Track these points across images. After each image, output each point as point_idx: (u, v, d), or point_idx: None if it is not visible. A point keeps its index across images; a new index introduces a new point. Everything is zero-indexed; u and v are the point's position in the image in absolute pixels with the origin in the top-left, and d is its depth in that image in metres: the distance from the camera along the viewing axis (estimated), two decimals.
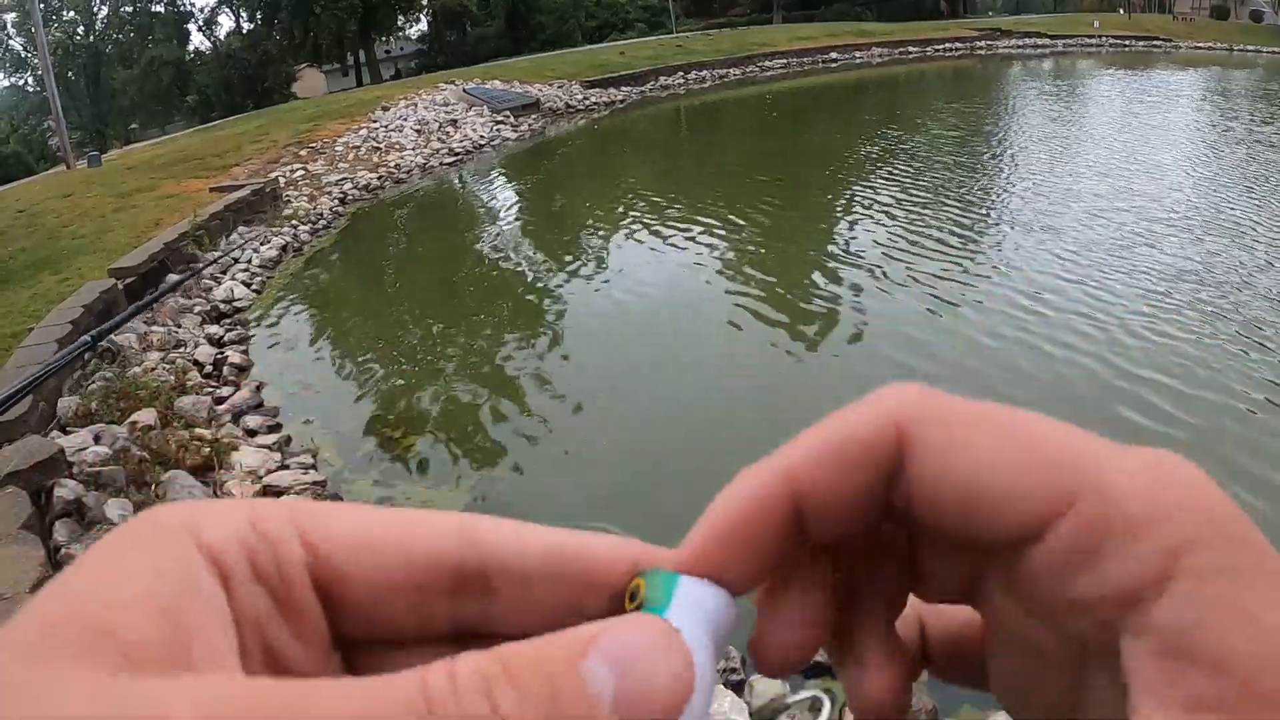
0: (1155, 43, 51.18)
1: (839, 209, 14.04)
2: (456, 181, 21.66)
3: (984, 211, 12.88)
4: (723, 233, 12.84)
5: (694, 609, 0.30)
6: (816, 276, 10.51)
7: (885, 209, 13.25)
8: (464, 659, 0.24)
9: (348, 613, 0.30)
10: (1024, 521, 0.28)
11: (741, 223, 13.39)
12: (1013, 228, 11.69)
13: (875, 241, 11.55)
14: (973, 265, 10.32)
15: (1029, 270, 9.87)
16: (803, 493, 0.32)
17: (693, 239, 12.56)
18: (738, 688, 3.84)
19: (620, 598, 0.31)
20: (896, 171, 16.14)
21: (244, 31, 70.02)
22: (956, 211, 12.80)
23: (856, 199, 14.36)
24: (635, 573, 0.32)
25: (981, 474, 0.28)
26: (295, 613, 0.29)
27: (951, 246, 10.98)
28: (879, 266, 10.44)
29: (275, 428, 7.68)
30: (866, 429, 0.31)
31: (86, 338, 7.06)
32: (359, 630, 0.31)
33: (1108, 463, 0.27)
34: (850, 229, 12.51)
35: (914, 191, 14.33)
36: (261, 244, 14.10)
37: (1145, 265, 9.72)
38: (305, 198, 18.06)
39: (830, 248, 11.72)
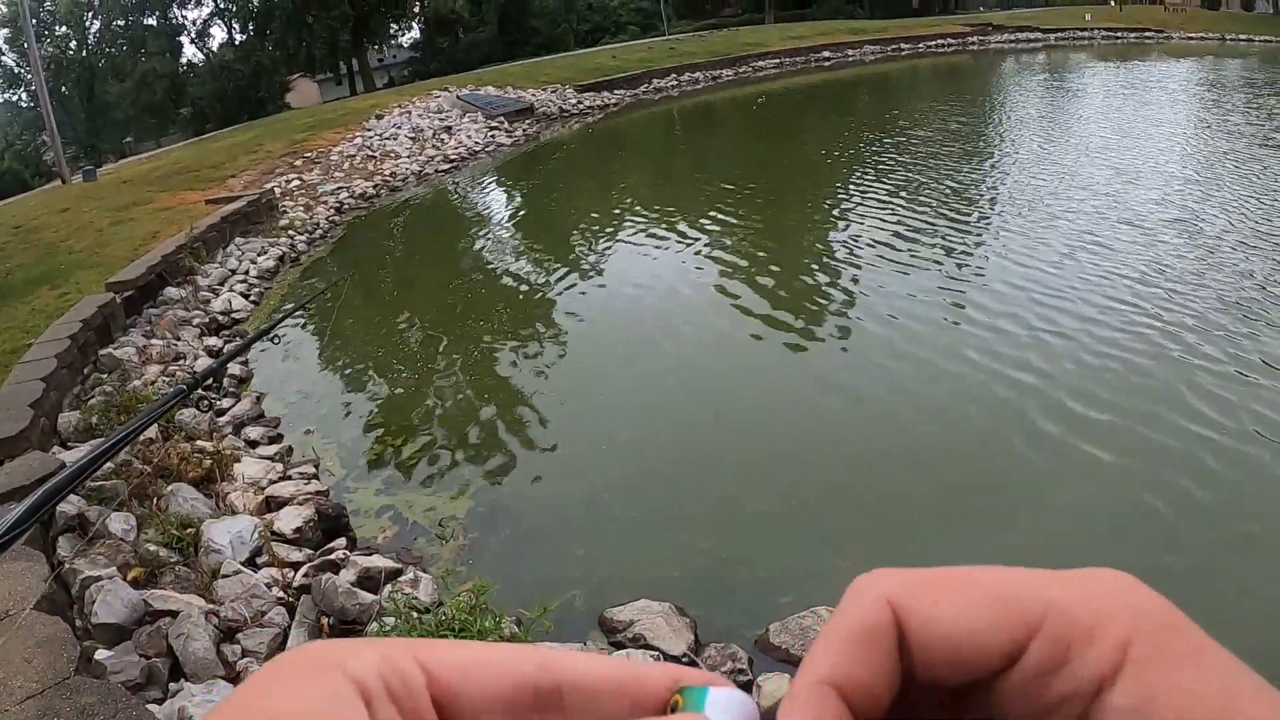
0: (1147, 34, 51.10)
1: (831, 208, 14.04)
2: (452, 188, 21.65)
3: (978, 209, 12.88)
4: (717, 234, 12.86)
5: (723, 706, 0.37)
6: (809, 276, 10.53)
7: (876, 207, 13.26)
8: None
9: None
10: (1004, 651, 0.35)
11: (735, 224, 13.41)
12: (1006, 224, 11.69)
13: (866, 238, 11.57)
14: (965, 264, 10.32)
15: (1022, 265, 9.87)
16: (844, 688, 0.36)
17: (688, 241, 12.59)
18: (745, 688, 3.83)
19: (664, 708, 0.38)
20: (888, 170, 16.15)
21: (237, 43, 69.95)
22: (949, 209, 12.82)
23: (848, 198, 14.37)
24: (675, 689, 0.39)
25: (961, 623, 0.35)
26: None
27: (944, 245, 10.99)
28: (869, 263, 10.46)
29: (276, 438, 7.68)
30: (865, 615, 0.37)
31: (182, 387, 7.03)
32: None
33: (1052, 588, 0.35)
34: (841, 227, 12.52)
35: (906, 191, 14.33)
36: (259, 255, 14.10)
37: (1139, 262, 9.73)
38: (301, 208, 18.08)
39: (821, 247, 11.74)
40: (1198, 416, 6.23)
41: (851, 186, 15.14)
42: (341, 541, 5.65)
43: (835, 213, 13.57)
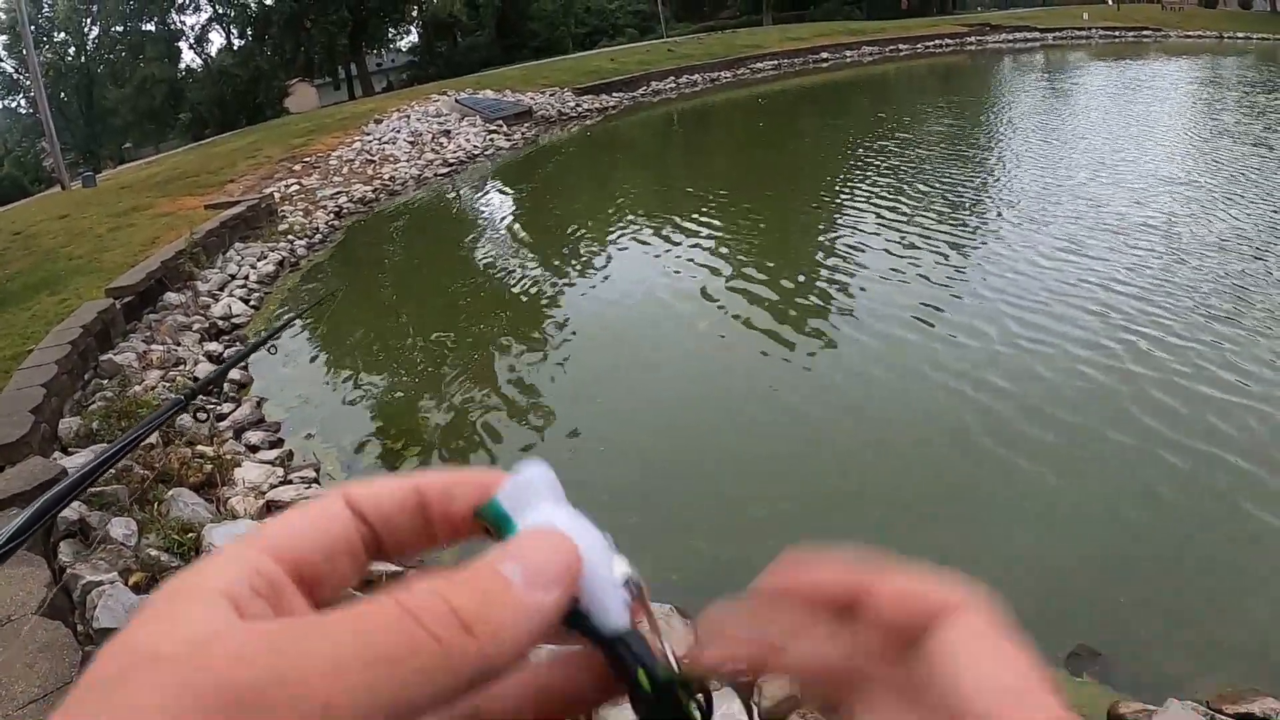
0: (1145, 33, 51.13)
1: (828, 211, 14.04)
2: (451, 192, 21.65)
3: (976, 211, 12.90)
4: (716, 237, 12.87)
5: (531, 496, 0.42)
6: (808, 280, 10.54)
7: (876, 209, 13.28)
8: (416, 582, 0.34)
9: (319, 588, 0.39)
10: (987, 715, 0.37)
11: (734, 227, 13.41)
12: (1004, 226, 11.72)
13: (865, 242, 11.59)
14: (963, 266, 10.32)
15: (1021, 269, 9.89)
16: (869, 600, 0.41)
17: (687, 245, 12.59)
18: (747, 688, 3.83)
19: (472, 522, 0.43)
20: (888, 172, 16.18)
21: (235, 48, 69.93)
22: (948, 211, 12.85)
23: (847, 200, 14.38)
24: (476, 510, 0.43)
25: (981, 667, 0.38)
26: (287, 608, 0.37)
27: (943, 247, 11.00)
28: (869, 267, 10.47)
29: (277, 443, 7.68)
30: (937, 597, 0.40)
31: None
32: (332, 595, 0.40)
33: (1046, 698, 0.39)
34: (839, 231, 12.51)
35: (906, 192, 14.35)
36: (258, 260, 14.11)
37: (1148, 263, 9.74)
38: (300, 212, 18.07)
39: (820, 250, 11.73)
40: (1202, 428, 6.24)
41: (849, 189, 15.13)
42: None
43: (832, 216, 13.56)
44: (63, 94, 64.55)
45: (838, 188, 15.52)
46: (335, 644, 0.31)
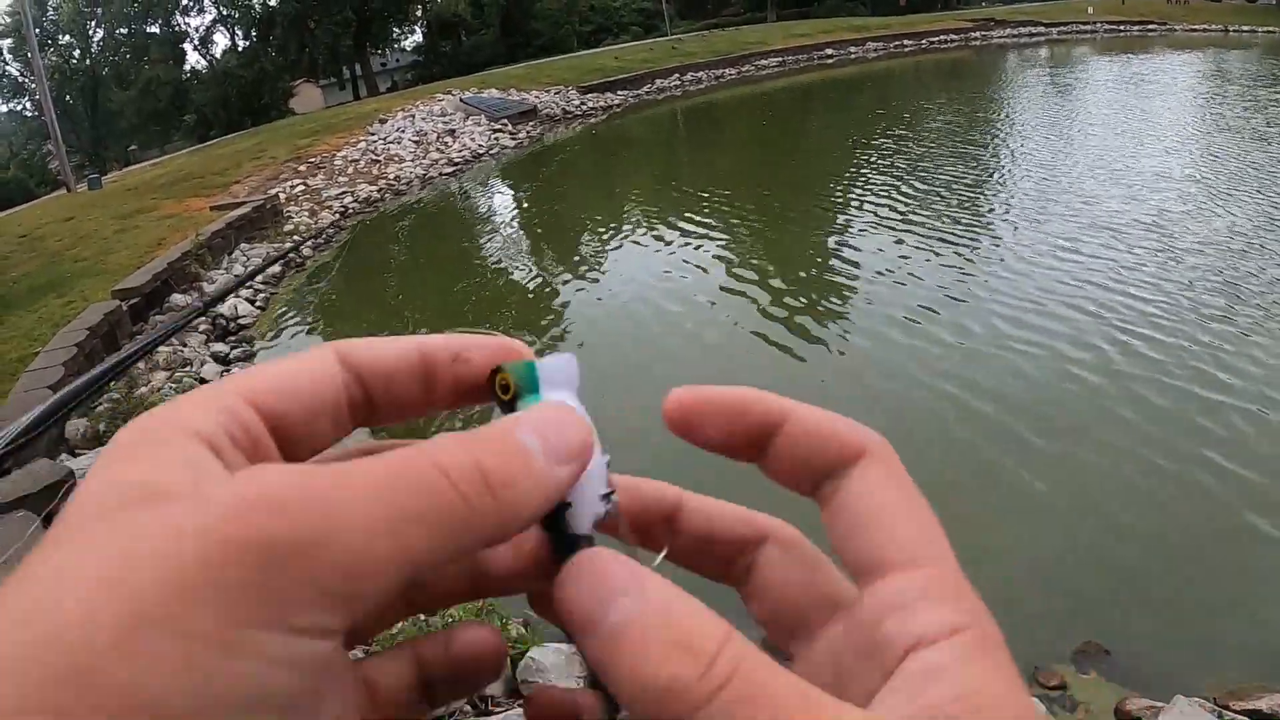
0: (1150, 27, 51.02)
1: (836, 206, 14.03)
2: (456, 192, 21.65)
3: (982, 207, 12.87)
4: (722, 235, 12.85)
5: (558, 379, 0.42)
6: (815, 276, 10.53)
7: (883, 206, 13.24)
8: (441, 437, 0.34)
9: (295, 448, 0.38)
10: (883, 559, 0.38)
11: (740, 224, 13.41)
12: (1011, 224, 11.70)
13: (869, 240, 11.56)
14: (972, 262, 10.30)
15: (1029, 267, 9.87)
16: (790, 428, 0.43)
17: (693, 242, 12.57)
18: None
19: (488, 387, 0.42)
20: (893, 169, 16.15)
21: (239, 49, 70.09)
22: (955, 208, 12.81)
23: (854, 196, 14.35)
24: (497, 365, 0.41)
25: (883, 507, 0.40)
26: (264, 460, 0.36)
27: (950, 244, 10.97)
28: (873, 266, 10.44)
29: None
30: (857, 431, 0.42)
31: (198, 305, 7.04)
32: (303, 459, 0.38)
33: (949, 555, 0.39)
34: (843, 227, 12.50)
35: (912, 189, 14.33)
36: (264, 261, 14.12)
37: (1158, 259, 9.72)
38: (306, 213, 18.08)
39: (825, 247, 11.71)
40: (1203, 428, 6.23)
41: (854, 187, 15.10)
42: None
43: (837, 214, 13.54)
44: (68, 96, 64.73)
45: (842, 186, 15.49)
46: (372, 500, 0.30)
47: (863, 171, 16.21)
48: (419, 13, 72.40)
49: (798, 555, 0.44)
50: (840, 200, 14.34)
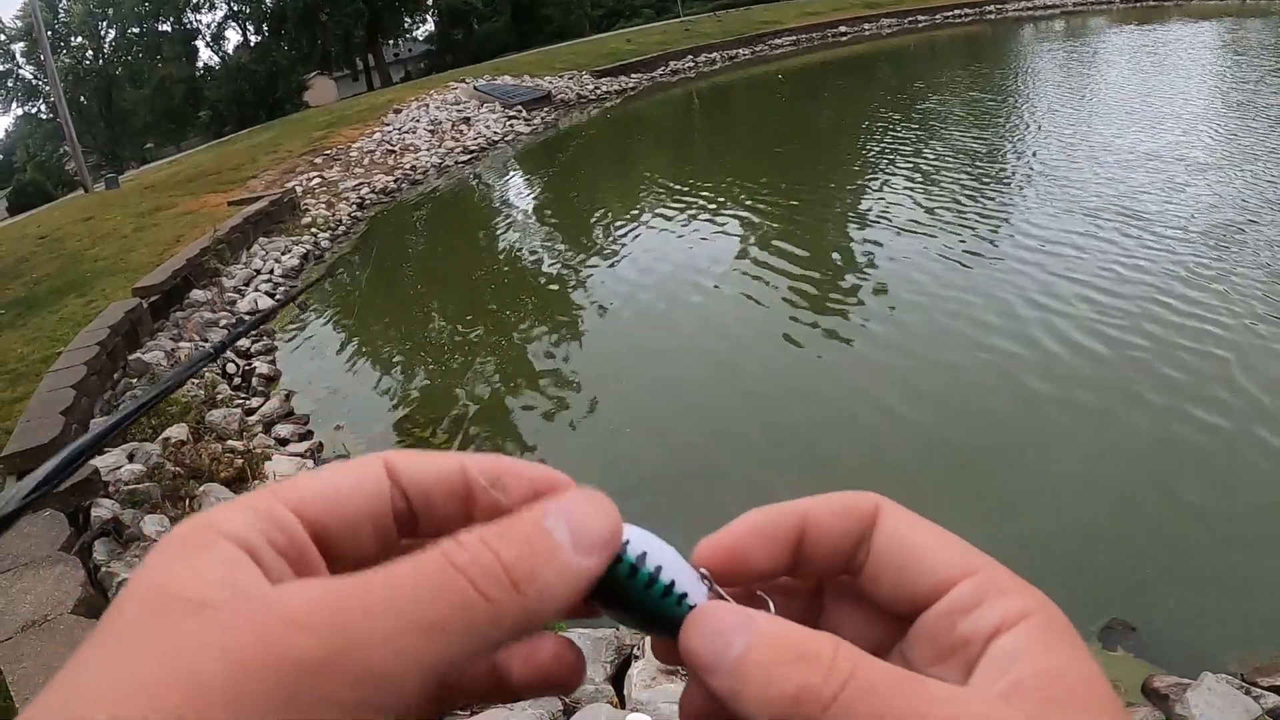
0: None
1: (850, 188, 13.99)
2: (473, 179, 21.67)
3: (1004, 186, 12.79)
4: (740, 217, 12.81)
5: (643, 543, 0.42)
6: (833, 260, 10.51)
7: (902, 185, 13.19)
8: (463, 534, 0.35)
9: (335, 554, 0.39)
10: (941, 578, 0.40)
11: (758, 206, 13.36)
12: (1022, 202, 11.62)
13: (889, 219, 11.49)
14: (995, 244, 10.25)
15: (1051, 240, 9.81)
16: (811, 524, 0.43)
17: (711, 225, 12.55)
18: None
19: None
20: (911, 146, 16.05)
21: (252, 44, 70.26)
22: (976, 184, 12.74)
23: (868, 178, 14.31)
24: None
25: (922, 544, 0.41)
26: (307, 567, 0.37)
27: (972, 222, 10.91)
28: (896, 246, 10.40)
29: (306, 435, 7.72)
30: (856, 497, 0.43)
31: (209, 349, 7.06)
32: (348, 567, 0.38)
33: (991, 560, 0.41)
34: (862, 208, 12.43)
35: (930, 167, 14.25)
36: (282, 254, 14.16)
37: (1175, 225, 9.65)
38: (323, 205, 18.12)
39: (843, 228, 11.65)
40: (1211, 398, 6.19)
41: (871, 166, 15.06)
42: None
43: (855, 193, 13.50)
44: (82, 97, 64.95)
45: (859, 164, 15.45)
46: (392, 611, 0.31)
47: (880, 148, 16.14)
48: (430, 2, 72.36)
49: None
50: (859, 178, 14.30)
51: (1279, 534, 4.62)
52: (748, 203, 13.50)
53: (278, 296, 12.26)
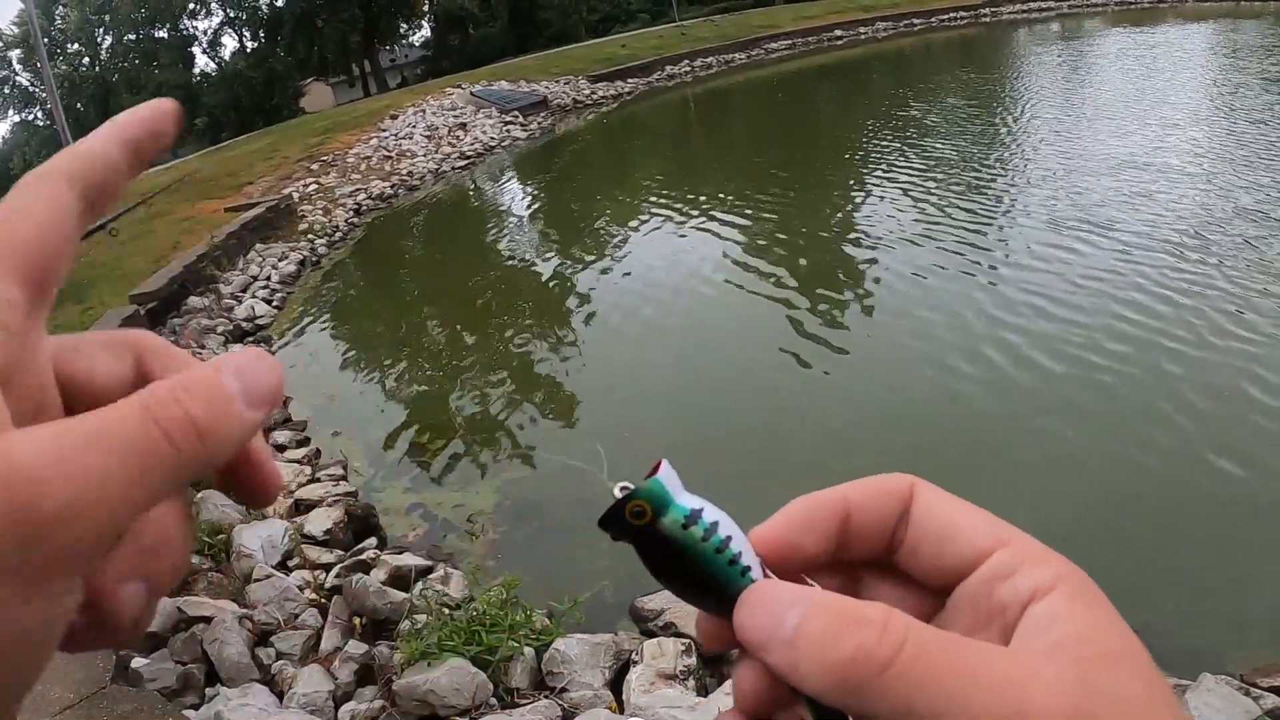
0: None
1: (847, 192, 14.00)
2: (469, 185, 21.69)
3: (1000, 190, 12.80)
4: (736, 221, 12.80)
5: (675, 483, 0.45)
6: (830, 263, 10.52)
7: (897, 188, 13.18)
8: (155, 388, 0.35)
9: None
10: (977, 550, 0.42)
11: (753, 210, 13.34)
12: (1020, 204, 11.64)
13: (885, 222, 11.49)
14: (992, 244, 10.26)
15: (1053, 249, 9.82)
16: (853, 507, 0.45)
17: (707, 230, 12.55)
18: None
19: None
20: (907, 150, 16.06)
21: (248, 51, 70.29)
22: (971, 190, 12.75)
23: (867, 180, 14.32)
24: (627, 493, 0.45)
25: (956, 518, 0.43)
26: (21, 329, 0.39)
27: (968, 225, 10.90)
28: (890, 248, 10.40)
29: (304, 441, 7.71)
30: (892, 479, 0.45)
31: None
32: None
33: (1021, 532, 0.42)
34: (859, 212, 12.47)
35: (926, 171, 14.25)
36: (279, 260, 14.15)
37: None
38: (320, 211, 18.12)
39: (839, 232, 11.69)
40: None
41: (867, 170, 15.07)
42: (372, 541, 5.67)
43: (852, 197, 13.52)
44: (79, 104, 64.95)
45: (855, 166, 15.48)
46: (105, 459, 0.32)
47: (874, 151, 16.16)
48: (426, 7, 72.39)
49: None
50: (853, 180, 14.32)
51: (1277, 536, 4.62)
52: (744, 208, 13.48)
53: (275, 303, 12.26)
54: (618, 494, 0.44)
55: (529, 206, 18.19)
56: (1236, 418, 5.72)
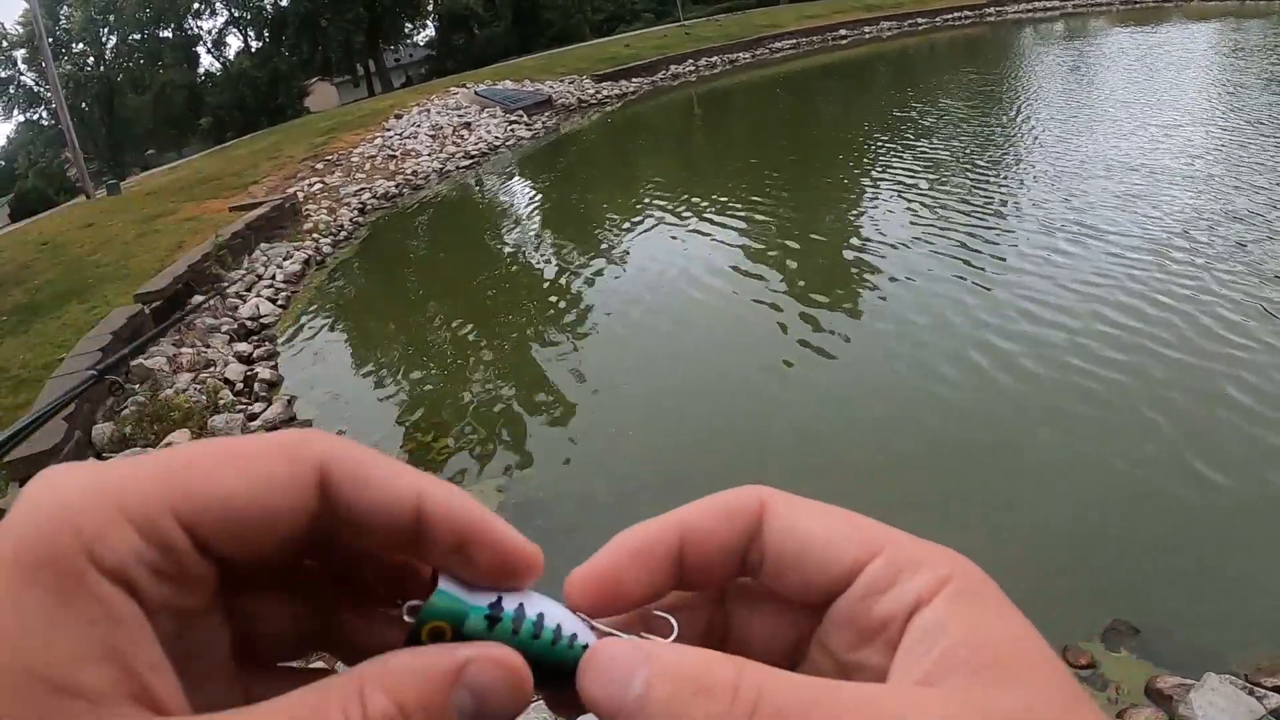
0: None
1: (851, 191, 14.00)
2: (474, 184, 21.69)
3: (1005, 192, 12.79)
4: (741, 221, 12.80)
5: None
6: (834, 263, 10.51)
7: (901, 189, 13.17)
8: (370, 699, 0.31)
9: (222, 556, 0.34)
10: (847, 565, 0.38)
11: (758, 210, 13.34)
12: (1022, 205, 11.63)
13: (889, 222, 11.49)
14: (995, 249, 10.26)
15: (1055, 246, 9.81)
16: (690, 533, 0.40)
17: (712, 228, 12.55)
18: None
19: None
20: (911, 151, 16.05)
21: (253, 50, 70.29)
22: (975, 192, 12.74)
23: (872, 181, 14.29)
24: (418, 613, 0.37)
25: (819, 532, 0.39)
26: (191, 580, 0.33)
27: (972, 229, 10.89)
28: (894, 249, 10.39)
29: None
30: (738, 496, 0.41)
31: (92, 372, 7.05)
32: (231, 565, 0.35)
33: (895, 531, 0.39)
34: (863, 211, 12.45)
35: (930, 173, 14.24)
36: (284, 259, 14.16)
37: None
38: (325, 210, 18.13)
39: (844, 232, 11.69)
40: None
41: (872, 170, 15.04)
42: None
43: (856, 197, 13.51)
44: (84, 104, 64.99)
45: (858, 167, 15.46)
46: None
47: (879, 151, 16.15)
48: (430, 7, 72.40)
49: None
50: (857, 180, 14.31)
51: None
52: (748, 207, 13.47)
53: (279, 302, 12.27)
54: (406, 619, 0.37)
55: (533, 206, 18.18)
56: (1246, 415, 5.72)
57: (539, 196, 19.36)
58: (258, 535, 0.34)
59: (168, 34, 69.51)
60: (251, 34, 70.47)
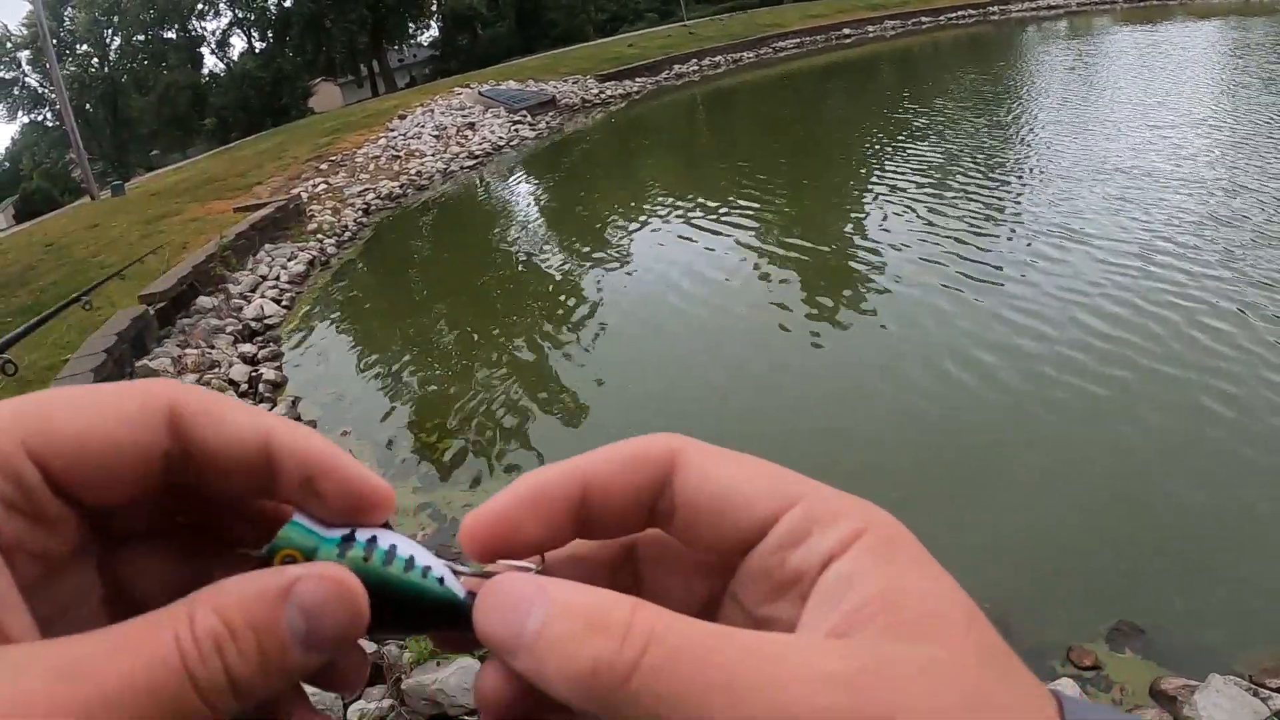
0: None
1: (856, 190, 13.98)
2: (478, 184, 21.68)
3: (1010, 193, 12.78)
4: (746, 220, 12.78)
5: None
6: (839, 262, 10.50)
7: (906, 188, 13.16)
8: (199, 619, 0.31)
9: (76, 494, 0.35)
10: (761, 516, 0.37)
11: (762, 209, 13.33)
12: (1025, 209, 11.62)
13: (894, 221, 11.49)
14: (998, 250, 10.25)
15: (1063, 242, 9.80)
16: (592, 482, 0.39)
17: (717, 228, 12.53)
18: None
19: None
20: (915, 150, 16.04)
21: (257, 51, 70.37)
22: (981, 193, 12.73)
23: (877, 180, 14.27)
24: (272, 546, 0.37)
25: (733, 482, 0.38)
26: (48, 520, 0.34)
27: (976, 229, 10.89)
28: (900, 246, 10.39)
29: None
30: (647, 444, 0.40)
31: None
32: (87, 506, 0.36)
33: (812, 483, 0.38)
34: (868, 209, 12.43)
35: (935, 173, 14.22)
36: (289, 260, 14.17)
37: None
38: (329, 211, 18.13)
39: (849, 230, 11.67)
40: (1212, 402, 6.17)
41: (877, 168, 15.01)
42: None
43: (861, 195, 13.48)
44: (88, 105, 65.12)
45: (863, 165, 15.44)
46: (116, 689, 0.28)
47: (883, 151, 16.14)
48: (434, 7, 72.44)
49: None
50: (862, 180, 14.29)
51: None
52: (754, 207, 13.45)
53: (284, 303, 12.27)
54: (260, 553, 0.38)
55: (537, 206, 18.20)
56: (1250, 414, 5.70)
57: (543, 196, 19.36)
58: (111, 473, 0.35)
59: (172, 35, 69.66)
60: (255, 35, 70.62)
